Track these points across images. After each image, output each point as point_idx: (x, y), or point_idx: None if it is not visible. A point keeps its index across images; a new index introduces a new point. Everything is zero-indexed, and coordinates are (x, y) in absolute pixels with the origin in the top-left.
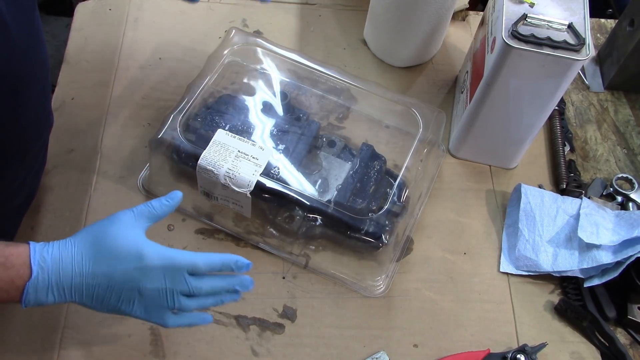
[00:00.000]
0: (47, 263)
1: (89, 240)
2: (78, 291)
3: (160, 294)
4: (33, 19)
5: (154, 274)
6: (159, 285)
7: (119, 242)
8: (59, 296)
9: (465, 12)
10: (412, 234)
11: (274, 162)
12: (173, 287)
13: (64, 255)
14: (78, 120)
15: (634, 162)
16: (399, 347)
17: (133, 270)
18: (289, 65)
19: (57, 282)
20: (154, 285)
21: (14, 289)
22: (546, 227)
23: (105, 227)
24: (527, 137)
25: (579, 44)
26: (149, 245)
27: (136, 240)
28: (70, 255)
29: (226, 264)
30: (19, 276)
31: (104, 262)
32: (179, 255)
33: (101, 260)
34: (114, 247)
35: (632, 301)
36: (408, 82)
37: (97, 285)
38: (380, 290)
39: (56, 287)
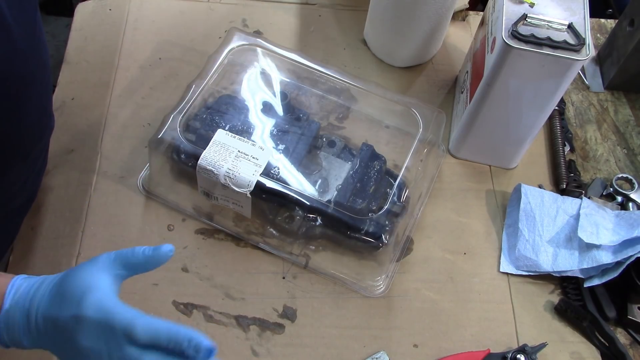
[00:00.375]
0: (20, 297)
1: (57, 280)
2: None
3: (96, 357)
4: (35, 20)
5: (88, 329)
6: (94, 344)
7: (74, 284)
8: (29, 338)
9: (465, 12)
10: (412, 234)
11: (274, 162)
12: (109, 352)
13: (35, 291)
14: (78, 120)
15: (634, 162)
16: (399, 347)
17: (71, 318)
18: (289, 65)
19: (23, 319)
20: (88, 343)
21: None
22: (546, 227)
23: (78, 267)
24: (527, 137)
25: (579, 44)
26: (97, 292)
27: (89, 285)
28: (41, 293)
29: (174, 339)
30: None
31: (54, 305)
32: (120, 312)
33: (53, 303)
34: (67, 289)
35: (632, 301)
36: (408, 82)
37: (45, 333)
38: (380, 290)
39: (23, 325)
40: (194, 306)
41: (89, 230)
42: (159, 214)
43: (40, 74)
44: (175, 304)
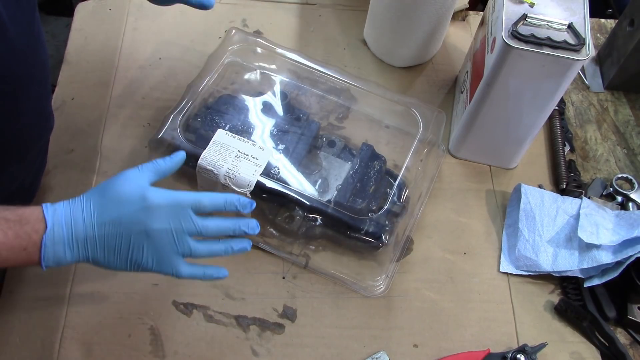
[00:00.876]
0: (59, 216)
1: (96, 193)
2: (91, 243)
3: (167, 235)
4: (33, 20)
5: (158, 213)
6: (165, 225)
7: (124, 189)
8: (75, 251)
9: (465, 12)
10: (412, 234)
11: (274, 162)
12: (179, 226)
13: (74, 208)
14: (78, 120)
15: (634, 162)
16: (399, 347)
17: (138, 211)
18: (289, 65)
19: (70, 235)
20: (160, 225)
21: (32, 245)
22: (546, 227)
23: (111, 181)
24: (527, 137)
25: (579, 44)
26: (153, 188)
27: (140, 186)
28: (80, 208)
29: (229, 202)
30: (35, 230)
31: (111, 209)
32: (183, 193)
33: (107, 208)
34: (119, 194)
35: (632, 301)
36: (408, 82)
37: (106, 234)
38: (380, 290)
39: (71, 240)
40: (194, 306)
41: None
42: None
43: (39, 74)
44: (175, 304)
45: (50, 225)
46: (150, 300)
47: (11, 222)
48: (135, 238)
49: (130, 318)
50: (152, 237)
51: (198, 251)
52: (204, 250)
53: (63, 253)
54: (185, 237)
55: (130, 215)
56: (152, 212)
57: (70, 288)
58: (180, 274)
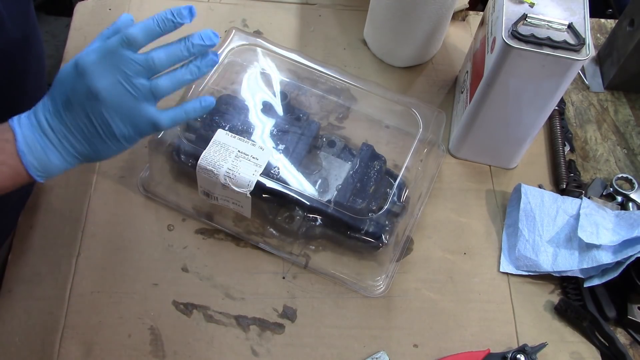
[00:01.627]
0: (24, 121)
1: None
2: (62, 136)
3: (116, 87)
4: (28, 12)
5: (94, 71)
6: (108, 78)
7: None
8: (56, 152)
9: (465, 12)
10: (412, 234)
11: (274, 162)
12: (121, 71)
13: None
14: None
15: (634, 162)
16: (399, 347)
17: (75, 80)
18: (289, 65)
19: (40, 134)
20: (102, 81)
21: (10, 156)
22: (546, 227)
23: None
24: (527, 137)
25: (579, 44)
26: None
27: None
28: (41, 108)
29: (162, 17)
30: (5, 140)
31: (58, 94)
32: (109, 39)
33: (56, 95)
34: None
35: (632, 301)
36: (408, 82)
37: (68, 121)
38: (380, 290)
39: (44, 140)
40: (194, 306)
41: (89, 230)
42: (159, 214)
43: (35, 66)
44: (175, 304)
45: (19, 131)
46: (150, 300)
47: None
48: (90, 109)
49: (130, 318)
50: (104, 98)
51: (161, 86)
52: (167, 83)
53: (45, 156)
54: (137, 80)
55: (73, 89)
56: (88, 74)
57: (70, 288)
58: (160, 123)
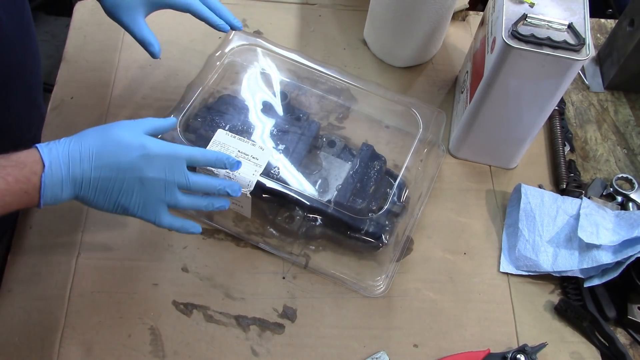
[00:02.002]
0: (55, 155)
1: (95, 136)
2: (85, 183)
3: (159, 184)
4: (23, 9)
5: (156, 162)
6: (160, 175)
7: (124, 136)
8: (70, 190)
9: (465, 12)
10: (412, 234)
11: (274, 162)
12: (172, 178)
13: (72, 149)
14: (77, 120)
15: (634, 162)
16: (399, 347)
17: (137, 158)
18: (289, 65)
19: (67, 174)
20: (155, 174)
21: (32, 187)
22: (546, 227)
23: (109, 126)
24: (527, 137)
25: (579, 44)
26: (151, 138)
27: (139, 134)
28: (78, 149)
29: (220, 159)
30: (33, 172)
31: (110, 153)
32: (180, 147)
33: (106, 152)
34: (119, 139)
35: (632, 301)
36: (408, 82)
37: (102, 177)
38: (380, 290)
39: (68, 179)
40: (194, 306)
41: (89, 230)
42: None
43: (30, 63)
44: (175, 304)
45: (48, 165)
46: (150, 300)
47: (9, 167)
48: (128, 183)
49: (130, 318)
50: (145, 184)
51: (183, 203)
52: (188, 203)
53: (60, 191)
54: (175, 189)
55: (129, 162)
56: (150, 161)
57: (70, 288)
58: (161, 223)
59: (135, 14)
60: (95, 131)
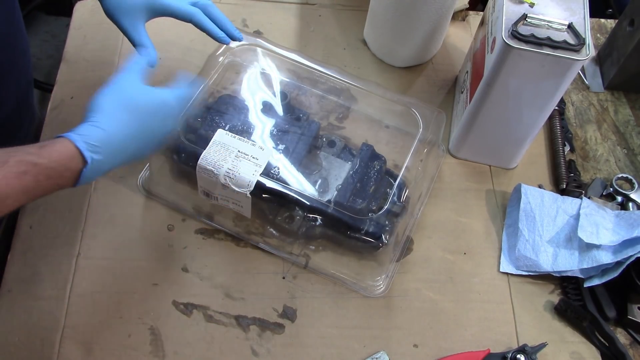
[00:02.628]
0: (99, 151)
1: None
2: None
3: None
4: (13, 8)
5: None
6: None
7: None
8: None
9: (465, 12)
10: (412, 234)
11: (274, 162)
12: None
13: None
14: (77, 120)
15: (634, 162)
16: (399, 347)
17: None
18: (289, 65)
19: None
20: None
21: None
22: (546, 227)
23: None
24: (527, 137)
25: (579, 44)
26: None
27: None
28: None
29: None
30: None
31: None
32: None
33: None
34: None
35: (632, 301)
36: (408, 82)
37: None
38: (380, 290)
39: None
40: (194, 306)
41: (89, 230)
42: (159, 214)
43: (20, 61)
44: (175, 304)
45: (91, 160)
46: (150, 300)
47: (41, 166)
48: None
49: (130, 318)
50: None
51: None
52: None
53: (98, 174)
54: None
55: (161, 124)
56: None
57: (70, 288)
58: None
59: (135, 19)
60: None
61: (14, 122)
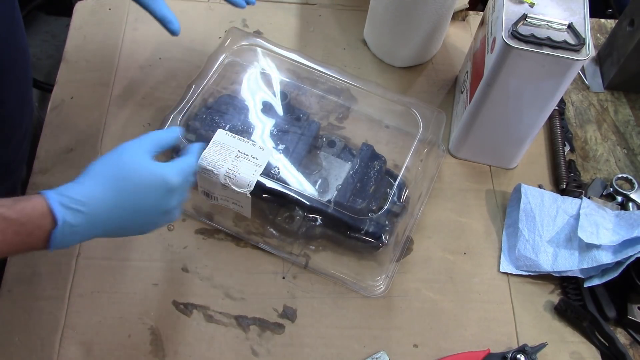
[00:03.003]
0: (71, 209)
1: (110, 178)
2: (107, 227)
3: (179, 205)
4: (13, 7)
5: (176, 192)
6: (179, 200)
7: (143, 174)
8: (87, 236)
9: (465, 12)
10: (412, 234)
11: (274, 162)
12: (186, 188)
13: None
14: (78, 120)
15: (634, 162)
16: (399, 347)
17: (162, 196)
18: (289, 65)
19: (87, 227)
20: (175, 202)
21: (36, 240)
22: (546, 227)
23: (118, 158)
24: (527, 137)
25: (579, 44)
26: (168, 167)
27: (150, 162)
28: (96, 198)
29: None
30: (38, 227)
31: (133, 198)
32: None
33: (129, 197)
34: (136, 177)
35: (632, 301)
36: (408, 82)
37: (126, 220)
38: (380, 290)
39: (87, 230)
40: (194, 306)
41: None
42: None
43: (20, 60)
44: (175, 304)
45: (62, 221)
46: (150, 300)
47: (10, 220)
48: (154, 218)
49: (130, 318)
50: (166, 213)
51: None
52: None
53: (74, 240)
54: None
55: (156, 202)
56: (173, 193)
57: (70, 288)
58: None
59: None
60: (105, 167)
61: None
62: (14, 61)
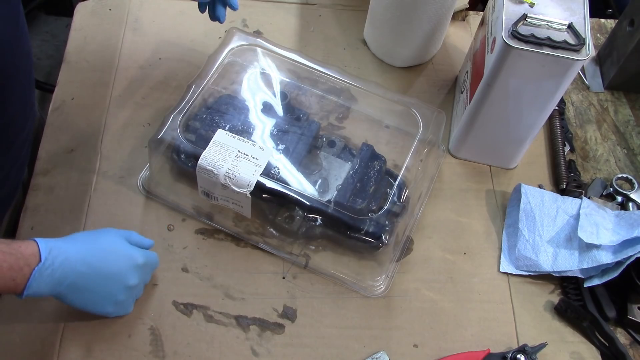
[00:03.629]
0: (54, 254)
1: (89, 240)
2: (72, 285)
3: (137, 288)
4: (18, 12)
5: (139, 271)
6: (140, 280)
7: (115, 245)
8: (53, 289)
9: (465, 12)
10: (412, 234)
11: (274, 162)
12: (144, 280)
13: (69, 253)
14: (78, 120)
15: (634, 162)
16: (399, 347)
17: (129, 269)
18: (289, 65)
19: (60, 276)
20: (136, 281)
21: (21, 277)
22: (546, 227)
23: (97, 233)
24: (527, 137)
25: (579, 44)
26: (134, 248)
27: (126, 245)
28: (75, 255)
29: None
30: (27, 264)
31: (103, 264)
32: (149, 254)
33: (100, 262)
34: (110, 247)
35: (632, 301)
36: (408, 82)
37: (92, 282)
38: (380, 290)
39: (58, 280)
40: (194, 306)
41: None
42: (159, 214)
43: (23, 64)
44: (175, 304)
45: (44, 260)
46: (150, 300)
47: (7, 254)
48: (117, 289)
49: (130, 318)
50: (127, 290)
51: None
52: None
53: (44, 287)
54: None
55: (121, 273)
56: (136, 271)
57: None
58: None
59: None
60: (87, 235)
61: (17, 124)
62: (18, 67)
